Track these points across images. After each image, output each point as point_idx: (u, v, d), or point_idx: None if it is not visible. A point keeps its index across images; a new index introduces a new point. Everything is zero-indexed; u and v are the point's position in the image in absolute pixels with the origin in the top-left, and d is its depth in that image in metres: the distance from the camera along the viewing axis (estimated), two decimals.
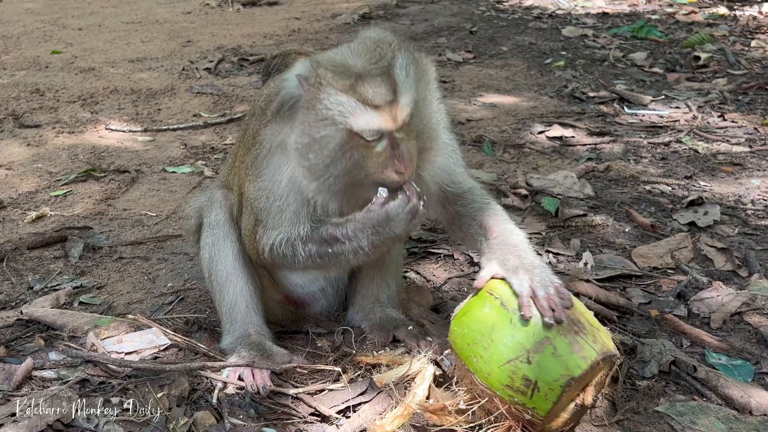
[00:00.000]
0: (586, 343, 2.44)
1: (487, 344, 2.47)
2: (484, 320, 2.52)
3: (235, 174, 3.14)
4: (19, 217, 4.56)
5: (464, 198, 2.96)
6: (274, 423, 2.71)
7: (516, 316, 2.47)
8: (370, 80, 2.52)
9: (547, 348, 2.40)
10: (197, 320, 3.38)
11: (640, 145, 5.75)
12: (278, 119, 2.76)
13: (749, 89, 7.12)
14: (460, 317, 2.62)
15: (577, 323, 2.48)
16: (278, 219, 2.82)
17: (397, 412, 2.64)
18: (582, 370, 2.40)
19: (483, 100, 6.97)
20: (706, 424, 2.66)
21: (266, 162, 2.84)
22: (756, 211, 4.56)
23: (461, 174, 3.01)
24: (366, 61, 2.56)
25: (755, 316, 3.39)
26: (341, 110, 2.53)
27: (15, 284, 3.77)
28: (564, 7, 11.53)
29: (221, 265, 3.09)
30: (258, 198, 2.87)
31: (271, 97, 2.84)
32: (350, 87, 2.52)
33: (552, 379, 2.39)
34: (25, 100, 6.89)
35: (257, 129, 2.91)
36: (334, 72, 2.55)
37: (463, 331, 2.57)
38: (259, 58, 8.32)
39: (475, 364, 2.49)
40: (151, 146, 5.84)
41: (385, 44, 2.62)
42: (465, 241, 3.01)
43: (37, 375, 2.94)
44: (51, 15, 11.19)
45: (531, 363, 2.40)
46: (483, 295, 2.60)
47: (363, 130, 2.54)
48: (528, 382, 2.39)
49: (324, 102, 2.55)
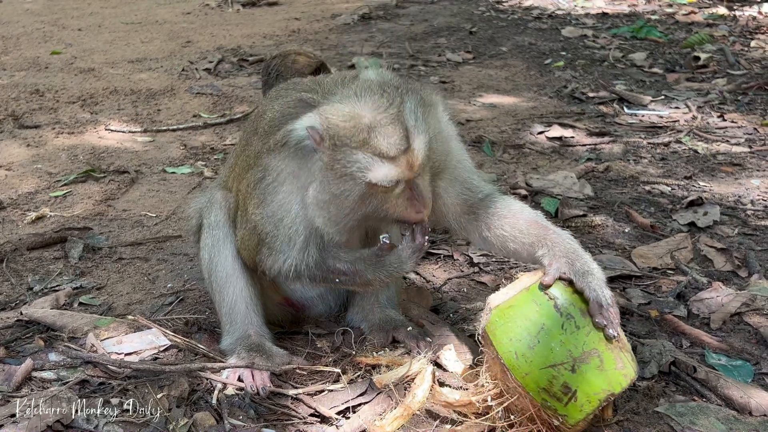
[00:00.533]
0: (627, 360, 2.43)
1: (533, 344, 2.41)
2: (533, 319, 2.45)
3: (234, 179, 3.13)
4: (19, 217, 4.56)
5: (486, 202, 2.96)
6: (274, 424, 2.71)
7: (569, 322, 2.42)
8: (382, 131, 2.54)
9: (594, 360, 2.38)
10: (197, 321, 3.38)
11: (640, 146, 5.75)
12: (284, 153, 2.76)
13: (749, 89, 7.12)
14: (505, 310, 2.52)
15: (620, 339, 2.47)
16: (286, 245, 2.85)
17: (397, 412, 2.64)
18: (622, 388, 2.40)
19: (483, 101, 6.97)
20: (705, 424, 2.66)
21: (273, 189, 2.83)
22: (756, 212, 4.56)
23: (477, 180, 3.02)
24: (374, 109, 2.57)
25: (755, 316, 3.39)
26: (359, 167, 2.57)
27: (15, 285, 3.77)
28: (564, 8, 11.54)
29: (221, 266, 3.08)
30: (264, 224, 2.87)
31: (275, 124, 2.81)
32: (364, 142, 2.55)
33: (593, 392, 2.37)
34: (25, 101, 6.89)
35: (259, 151, 2.88)
36: (346, 128, 2.56)
37: (507, 324, 2.48)
38: (258, 58, 8.32)
39: (513, 360, 2.43)
40: (150, 147, 5.84)
41: (391, 88, 2.63)
42: (498, 244, 2.94)
43: (36, 376, 2.94)
44: (51, 16, 11.19)
45: (575, 372, 2.37)
46: (534, 292, 2.52)
47: (381, 181, 2.58)
48: (567, 390, 2.37)
49: (341, 162, 2.59)
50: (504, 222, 2.90)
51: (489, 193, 3.00)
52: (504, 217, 2.90)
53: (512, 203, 2.97)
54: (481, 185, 3.01)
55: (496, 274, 3.84)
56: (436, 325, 3.28)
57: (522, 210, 2.93)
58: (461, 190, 2.97)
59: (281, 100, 2.91)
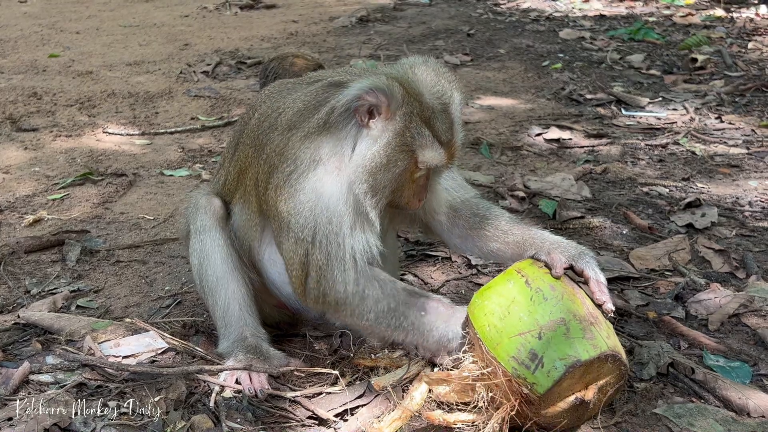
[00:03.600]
0: (599, 335, 2.48)
1: (504, 315, 2.52)
2: (506, 294, 2.58)
3: (253, 195, 2.98)
4: (17, 220, 4.55)
5: (468, 204, 3.06)
6: (272, 426, 2.71)
7: (538, 294, 2.53)
8: (439, 116, 2.66)
9: (560, 328, 2.45)
10: (195, 323, 3.37)
11: (638, 147, 5.76)
12: (323, 134, 2.70)
13: (746, 91, 7.13)
14: (484, 290, 2.67)
15: (596, 318, 2.54)
16: (329, 230, 2.69)
17: (395, 415, 2.63)
18: (589, 356, 2.42)
19: (480, 103, 6.98)
20: (703, 426, 2.65)
21: (305, 176, 2.72)
22: (753, 213, 4.56)
23: (461, 181, 3.13)
24: (432, 94, 2.67)
25: (753, 317, 3.39)
26: (421, 142, 2.64)
27: (12, 288, 3.76)
28: (561, 10, 11.55)
29: (210, 269, 3.06)
30: (299, 213, 2.72)
31: (307, 111, 2.76)
32: (428, 120, 2.64)
33: (558, 357, 2.41)
34: (23, 104, 6.88)
35: (285, 145, 2.78)
36: (417, 99, 2.63)
37: (483, 302, 2.60)
38: (256, 61, 8.32)
39: (486, 332, 2.52)
40: (148, 149, 5.83)
41: (445, 80, 2.73)
42: (480, 244, 3.04)
43: (34, 379, 2.93)
44: (48, 19, 11.19)
45: (542, 339, 2.44)
46: (510, 272, 2.66)
47: (425, 162, 2.68)
48: (534, 356, 2.42)
49: (412, 131, 2.63)
50: (486, 222, 3.00)
51: (473, 196, 3.11)
52: (486, 218, 3.01)
53: (492, 206, 3.08)
54: (468, 188, 3.13)
55: (494, 276, 3.83)
56: None
57: (502, 213, 3.04)
58: (449, 189, 3.06)
59: (298, 93, 2.87)
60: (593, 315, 2.54)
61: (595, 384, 2.52)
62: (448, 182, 3.06)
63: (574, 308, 2.52)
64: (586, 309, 2.55)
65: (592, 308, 2.57)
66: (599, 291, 2.66)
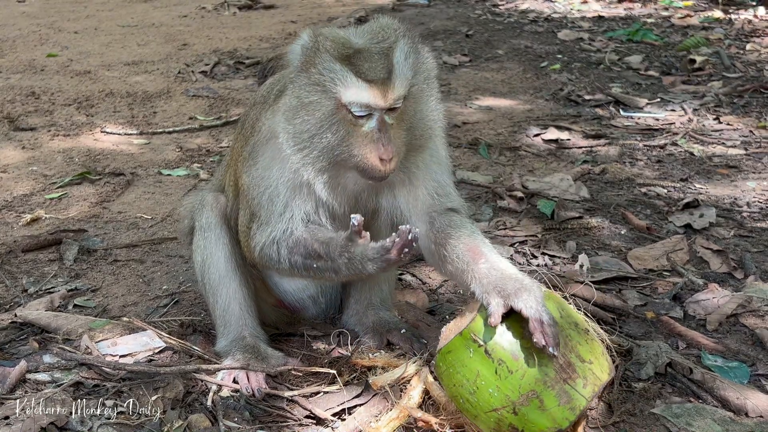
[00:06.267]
0: (575, 391, 2.38)
1: (473, 390, 2.43)
2: (469, 366, 2.44)
3: (232, 171, 3.11)
4: (14, 219, 4.54)
5: (447, 217, 2.82)
6: (269, 426, 2.70)
7: (501, 367, 2.39)
8: (367, 56, 2.54)
9: (534, 402, 2.36)
10: (192, 323, 3.37)
11: (636, 148, 5.76)
12: (279, 101, 2.76)
13: (744, 92, 7.13)
14: (446, 354, 2.52)
15: (567, 367, 2.39)
16: (269, 209, 2.78)
17: (393, 414, 2.63)
18: (570, 422, 2.39)
19: (479, 103, 6.98)
20: (702, 426, 2.65)
21: (262, 149, 2.82)
22: (751, 213, 4.56)
23: (450, 188, 2.91)
24: (368, 40, 2.60)
25: (751, 318, 3.39)
26: (333, 78, 2.54)
27: (9, 287, 3.75)
28: (560, 11, 11.55)
29: (213, 267, 3.06)
30: (252, 186, 2.83)
31: (274, 84, 2.86)
32: (346, 58, 2.54)
33: (539, 430, 2.38)
34: (21, 103, 6.87)
35: (257, 116, 2.91)
36: (334, 41, 2.58)
37: (449, 371, 2.50)
38: (255, 61, 8.31)
39: (462, 404, 2.49)
40: (146, 149, 5.83)
41: (391, 29, 2.65)
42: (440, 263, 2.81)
43: (31, 378, 2.93)
44: (47, 18, 11.17)
45: (517, 414, 2.38)
46: (467, 337, 2.47)
47: (352, 102, 2.53)
48: (515, 430, 2.39)
49: (318, 67, 2.56)
50: (449, 242, 2.74)
51: (454, 208, 2.86)
52: (450, 237, 2.75)
53: (465, 225, 2.80)
54: (452, 196, 2.89)
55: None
56: (432, 327, 3.28)
57: (470, 235, 2.75)
58: (432, 191, 2.84)
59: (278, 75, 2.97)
60: (564, 367, 2.39)
61: (582, 420, 2.51)
62: (432, 182, 2.84)
63: (543, 373, 2.37)
64: (557, 363, 2.38)
65: (562, 359, 2.38)
66: (539, 333, 2.35)
